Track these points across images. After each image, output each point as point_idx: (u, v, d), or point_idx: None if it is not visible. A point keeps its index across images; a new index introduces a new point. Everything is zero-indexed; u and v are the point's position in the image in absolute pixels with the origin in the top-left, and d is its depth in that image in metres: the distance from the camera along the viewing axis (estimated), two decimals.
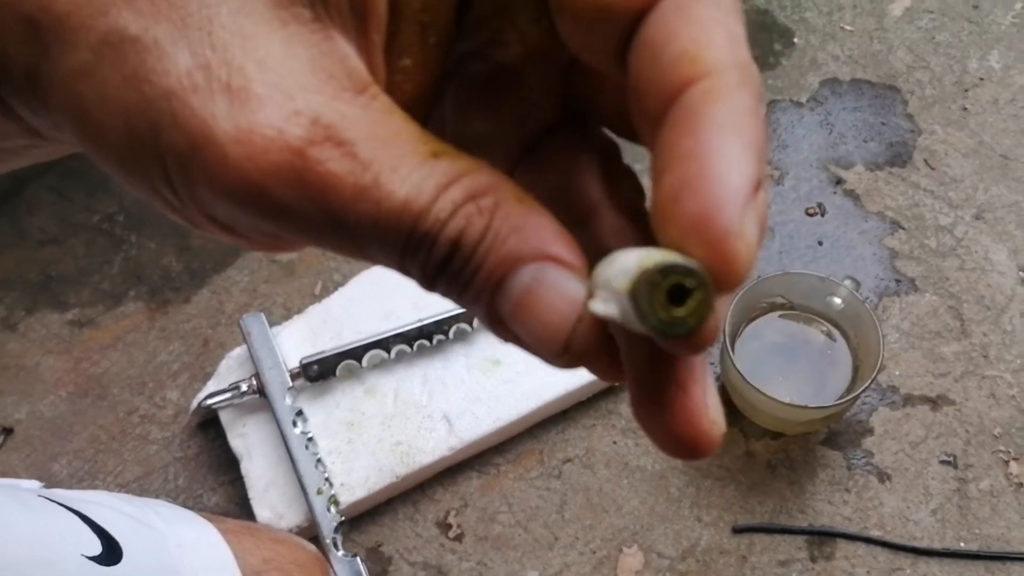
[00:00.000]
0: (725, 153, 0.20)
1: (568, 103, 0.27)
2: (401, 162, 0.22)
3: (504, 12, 0.25)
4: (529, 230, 0.22)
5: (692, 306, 0.20)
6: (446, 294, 0.23)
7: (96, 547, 0.57)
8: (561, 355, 0.22)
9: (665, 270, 0.20)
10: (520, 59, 0.26)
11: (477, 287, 0.22)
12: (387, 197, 0.21)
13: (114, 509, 0.64)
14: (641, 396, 0.24)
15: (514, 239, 0.22)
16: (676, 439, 0.24)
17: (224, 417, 0.83)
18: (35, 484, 0.72)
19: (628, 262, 0.21)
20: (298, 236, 0.22)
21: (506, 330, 0.23)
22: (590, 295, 0.22)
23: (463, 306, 0.23)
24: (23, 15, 0.21)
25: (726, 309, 0.24)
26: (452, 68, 0.27)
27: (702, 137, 0.20)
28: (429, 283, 0.23)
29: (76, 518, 0.59)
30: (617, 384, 0.84)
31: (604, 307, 0.21)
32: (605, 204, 0.26)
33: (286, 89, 0.21)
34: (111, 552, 0.58)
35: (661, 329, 0.21)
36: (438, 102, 0.27)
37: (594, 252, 0.24)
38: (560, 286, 0.22)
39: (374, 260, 0.23)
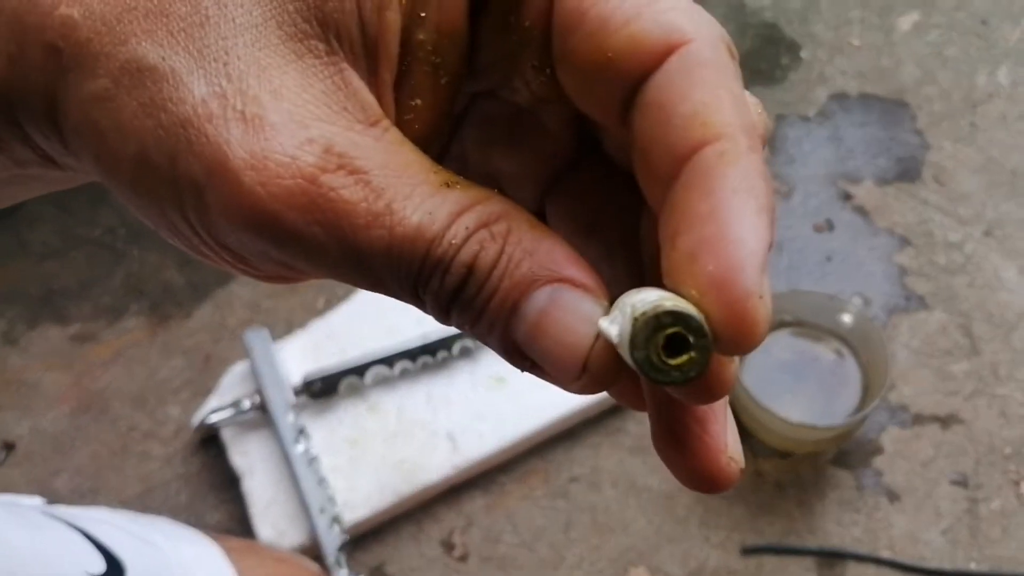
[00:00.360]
0: (743, 216, 0.20)
1: (588, 137, 0.28)
2: (414, 191, 0.22)
3: (511, 57, 0.25)
4: (543, 254, 0.22)
5: (683, 361, 0.21)
6: (460, 324, 0.23)
7: (99, 565, 0.57)
8: (579, 377, 0.22)
9: (677, 317, 0.20)
10: (531, 100, 0.26)
11: (492, 313, 0.22)
12: (400, 223, 0.22)
13: (117, 527, 0.63)
14: (661, 429, 0.24)
15: (528, 262, 0.22)
16: (694, 474, 0.24)
17: (226, 434, 0.82)
18: (37, 501, 0.71)
19: (651, 296, 0.21)
20: (310, 265, 0.22)
21: (522, 357, 0.23)
22: (607, 314, 0.22)
23: (478, 337, 0.23)
24: (45, 42, 0.22)
25: (737, 364, 0.24)
26: (469, 108, 0.27)
27: (719, 199, 0.21)
28: (444, 313, 0.23)
29: (79, 535, 0.58)
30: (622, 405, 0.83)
31: (608, 326, 0.22)
32: (636, 234, 0.26)
33: (300, 118, 0.22)
34: (114, 570, 0.57)
35: (644, 367, 0.21)
36: (450, 143, 0.28)
37: (627, 283, 0.24)
38: (576, 306, 0.22)
39: (388, 291, 0.23)
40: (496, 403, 0.83)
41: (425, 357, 0.83)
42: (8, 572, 0.52)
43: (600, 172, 0.27)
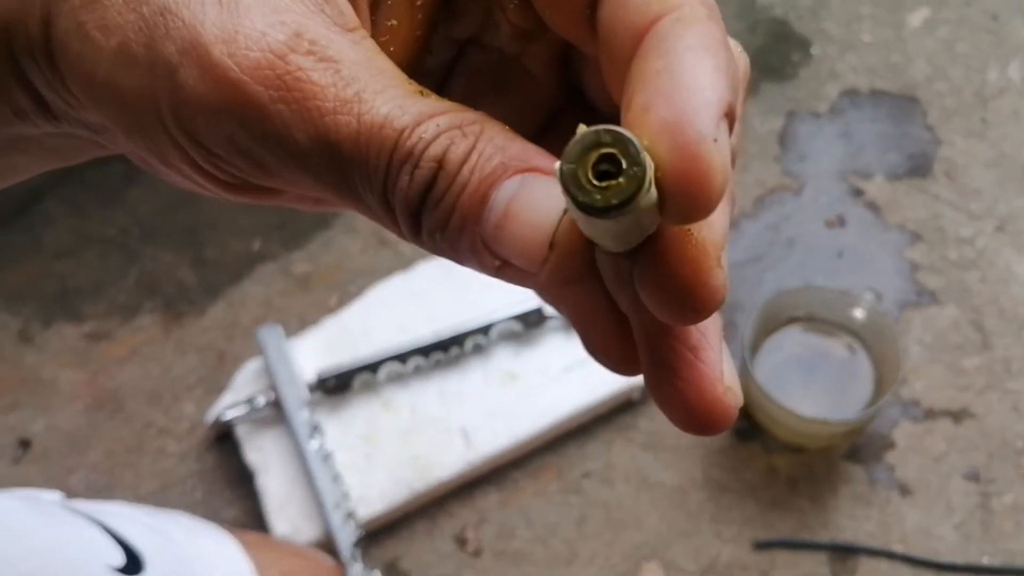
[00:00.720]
0: (697, 69, 0.20)
1: (572, 85, 0.28)
2: (386, 88, 0.22)
3: None
4: (514, 150, 0.22)
5: (609, 184, 0.20)
6: (432, 231, 0.22)
7: (119, 558, 0.57)
8: (545, 259, 0.21)
9: (617, 137, 0.20)
10: (515, 41, 0.26)
11: (463, 209, 0.22)
12: (368, 112, 0.21)
13: (135, 521, 0.63)
14: (653, 362, 0.24)
15: (499, 156, 0.22)
16: (690, 407, 0.23)
17: (240, 431, 0.83)
18: (57, 495, 0.72)
19: None
20: (277, 156, 0.22)
21: (492, 256, 0.22)
22: None
23: (450, 248, 0.23)
24: None
25: (727, 271, 0.23)
26: (457, 61, 0.27)
27: (674, 56, 0.20)
28: (414, 218, 0.22)
29: (99, 529, 0.59)
30: (635, 400, 0.83)
31: (556, 164, 0.21)
32: None
33: (275, 5, 0.22)
34: (133, 563, 0.58)
35: (568, 181, 0.20)
36: (443, 87, 0.28)
37: None
38: (544, 188, 0.21)
39: (359, 200, 0.23)
40: (508, 399, 0.83)
41: (438, 354, 0.83)
42: (31, 565, 0.53)
43: (585, 123, 0.27)
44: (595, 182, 0.20)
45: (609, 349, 0.25)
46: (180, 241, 0.96)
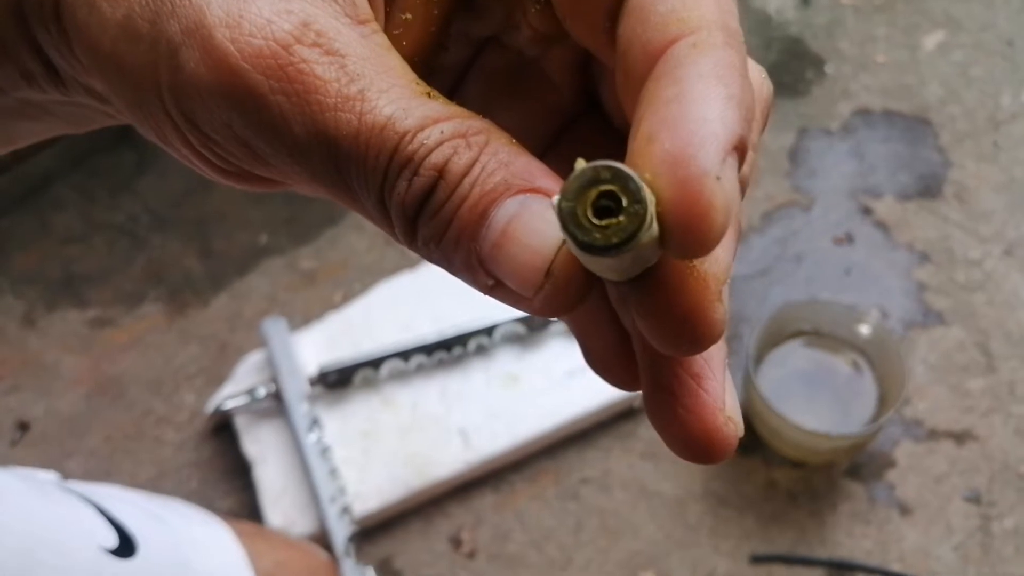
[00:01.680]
0: (708, 99, 0.19)
1: (589, 94, 0.27)
2: (392, 88, 0.21)
3: None
4: (519, 166, 0.21)
5: (610, 223, 0.19)
6: (427, 240, 0.22)
7: (112, 540, 0.57)
8: (541, 286, 0.21)
9: (616, 174, 0.19)
10: (534, 43, 0.26)
11: (460, 222, 0.21)
12: (371, 111, 0.21)
13: (131, 504, 0.63)
14: (654, 385, 0.23)
15: (502, 172, 0.21)
16: (689, 435, 0.23)
17: (239, 422, 0.83)
18: (53, 475, 0.72)
19: None
20: (274, 147, 0.22)
21: (487, 274, 0.22)
22: None
23: (444, 259, 0.22)
24: None
25: (727, 305, 0.22)
26: (473, 61, 0.27)
27: (685, 84, 0.19)
28: (410, 226, 0.22)
29: (93, 510, 0.59)
30: (636, 408, 0.83)
31: (555, 198, 0.20)
32: None
33: None
34: (126, 545, 0.57)
35: (567, 221, 0.19)
36: (451, 97, 0.27)
37: None
38: (544, 212, 0.21)
39: (355, 199, 0.22)
40: (509, 401, 0.83)
41: (440, 353, 0.83)
42: (21, 542, 0.52)
43: (600, 133, 0.27)
44: (595, 220, 0.19)
45: (609, 364, 0.25)
46: (188, 231, 0.96)
